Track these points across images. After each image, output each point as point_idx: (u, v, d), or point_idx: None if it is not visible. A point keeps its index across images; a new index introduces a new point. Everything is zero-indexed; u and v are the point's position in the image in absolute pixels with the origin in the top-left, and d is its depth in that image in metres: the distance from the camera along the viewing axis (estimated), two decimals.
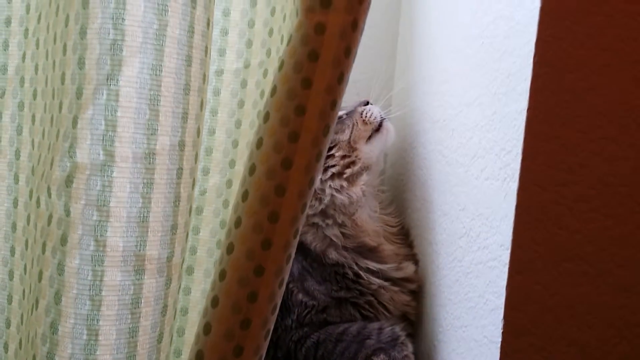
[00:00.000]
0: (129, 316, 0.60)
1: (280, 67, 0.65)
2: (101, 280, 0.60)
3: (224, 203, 0.83)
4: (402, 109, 1.20)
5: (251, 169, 0.65)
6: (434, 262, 1.02)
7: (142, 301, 0.61)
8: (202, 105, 0.66)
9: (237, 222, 0.64)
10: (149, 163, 0.60)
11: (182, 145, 0.63)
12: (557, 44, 0.76)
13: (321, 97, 0.64)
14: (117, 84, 0.59)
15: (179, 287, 0.68)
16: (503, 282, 0.79)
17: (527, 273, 0.79)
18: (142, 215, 0.60)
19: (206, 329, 0.64)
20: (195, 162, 0.66)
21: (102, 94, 0.59)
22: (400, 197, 1.19)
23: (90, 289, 0.59)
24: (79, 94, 0.59)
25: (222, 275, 0.64)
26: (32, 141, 0.71)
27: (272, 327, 0.67)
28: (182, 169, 0.63)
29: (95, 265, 0.59)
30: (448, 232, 0.97)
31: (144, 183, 0.60)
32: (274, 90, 0.65)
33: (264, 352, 0.67)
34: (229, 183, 0.83)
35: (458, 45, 0.99)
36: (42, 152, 0.65)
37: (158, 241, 0.61)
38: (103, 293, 0.60)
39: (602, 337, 0.82)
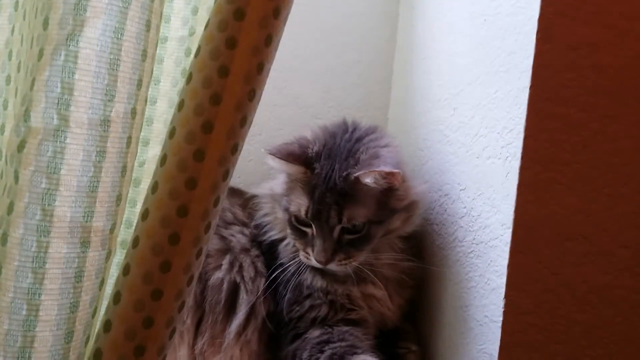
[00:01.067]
0: (72, 290, 0.58)
1: (206, 27, 0.62)
2: (46, 252, 0.57)
3: None
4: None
5: (171, 132, 0.62)
6: (435, 242, 1.01)
7: (85, 275, 0.59)
8: (151, 73, 0.64)
9: (154, 188, 0.62)
10: (104, 130, 0.58)
11: (134, 113, 0.60)
12: (560, 21, 0.75)
13: (247, 58, 0.61)
14: (76, 45, 0.56)
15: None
16: (504, 262, 0.79)
17: (529, 252, 0.78)
18: (92, 185, 0.58)
19: (116, 298, 0.62)
20: (140, 132, 0.64)
21: (60, 55, 0.56)
22: None
23: (33, 261, 0.56)
24: (40, 55, 0.57)
25: (135, 242, 0.62)
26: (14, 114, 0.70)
27: (176, 325, 0.65)
28: (131, 137, 0.61)
29: (40, 236, 0.57)
30: (449, 212, 0.97)
31: (97, 151, 0.58)
32: (198, 51, 0.62)
33: (167, 350, 0.65)
34: None
35: (459, 24, 0.97)
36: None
37: (105, 212, 0.59)
38: (47, 265, 0.57)
39: (603, 317, 0.81)
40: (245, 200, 1.10)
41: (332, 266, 0.95)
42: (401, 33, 1.28)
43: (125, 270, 0.62)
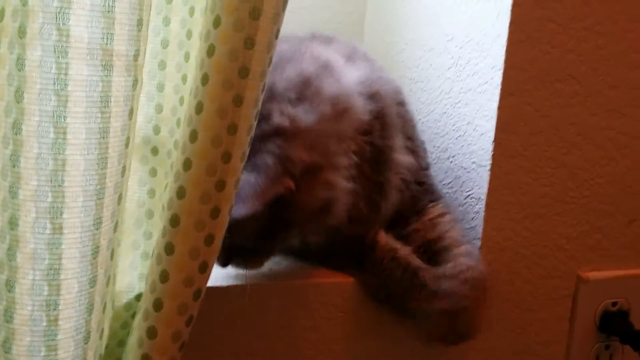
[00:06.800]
0: (99, 115, 0.55)
1: None
2: (66, 74, 0.54)
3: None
4: None
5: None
6: (419, 99, 1.00)
7: (112, 100, 0.56)
8: None
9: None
10: None
11: None
12: None
13: None
14: None
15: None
16: (494, 105, 0.78)
17: (519, 94, 0.78)
18: (107, 5, 0.54)
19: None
20: None
21: None
22: (384, 41, 1.15)
23: (54, 84, 0.54)
24: None
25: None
26: None
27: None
28: None
29: (58, 57, 0.53)
30: (434, 67, 0.95)
31: None
32: None
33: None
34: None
35: None
36: None
37: (125, 36, 0.56)
38: (69, 88, 0.54)
39: (590, 159, 0.82)
40: None
41: None
42: None
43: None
